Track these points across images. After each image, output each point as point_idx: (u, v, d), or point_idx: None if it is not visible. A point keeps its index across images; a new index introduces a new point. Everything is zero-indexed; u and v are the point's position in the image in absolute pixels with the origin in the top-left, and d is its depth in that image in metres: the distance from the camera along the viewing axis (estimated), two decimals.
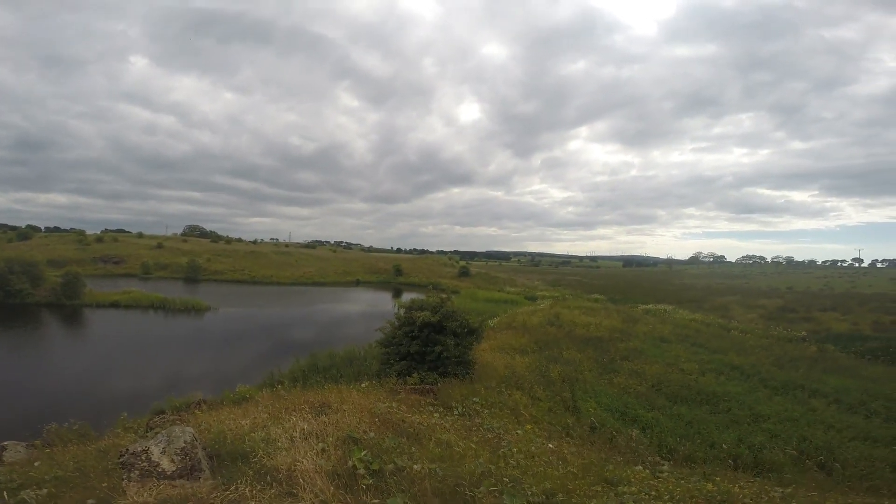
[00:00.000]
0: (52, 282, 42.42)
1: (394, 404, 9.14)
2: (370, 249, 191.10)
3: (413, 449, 6.15)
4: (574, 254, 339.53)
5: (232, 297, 52.59)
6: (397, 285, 79.04)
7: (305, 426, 6.73)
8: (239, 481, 4.33)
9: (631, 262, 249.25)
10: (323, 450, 5.42)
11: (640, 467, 8.12)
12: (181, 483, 4.19)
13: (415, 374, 13.88)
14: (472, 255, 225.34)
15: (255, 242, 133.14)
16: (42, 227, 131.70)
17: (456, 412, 10.39)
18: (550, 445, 8.45)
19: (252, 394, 12.60)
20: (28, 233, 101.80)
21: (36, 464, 7.01)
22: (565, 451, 8.35)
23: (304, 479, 4.35)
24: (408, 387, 12.40)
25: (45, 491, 5.07)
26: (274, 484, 4.33)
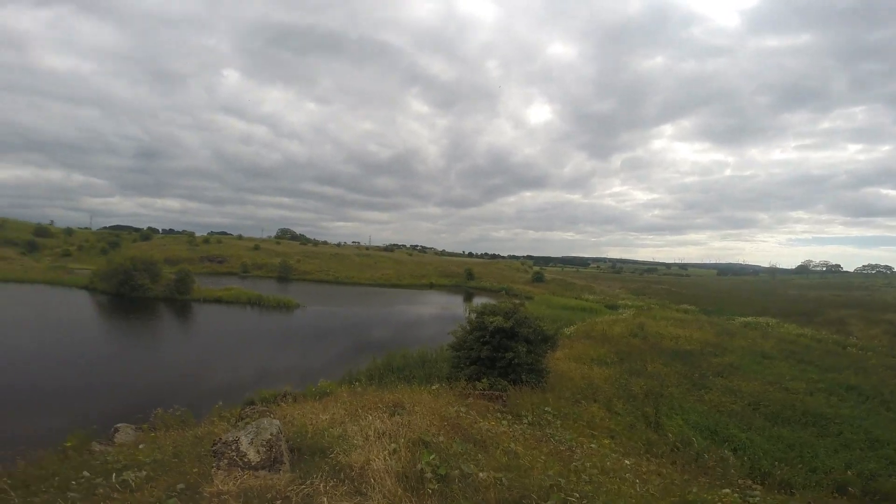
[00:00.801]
0: (167, 278, 47.50)
1: (463, 409, 9.17)
2: (443, 253, 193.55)
3: (480, 456, 6.12)
4: (661, 260, 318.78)
5: (318, 296, 56.07)
6: (469, 289, 79.27)
7: (380, 425, 6.96)
8: (315, 476, 4.57)
9: (727, 271, 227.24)
10: (394, 451, 5.56)
11: (728, 490, 7.45)
12: (263, 474, 4.51)
13: (484, 379, 13.83)
14: (546, 261, 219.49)
15: (339, 245, 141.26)
16: (160, 229, 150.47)
17: (525, 421, 10.18)
18: (627, 462, 7.99)
19: (332, 389, 13.35)
20: (149, 234, 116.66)
21: (141, 446, 7.97)
22: (644, 469, 7.84)
23: (374, 479, 4.50)
24: (477, 391, 12.39)
25: (144, 473, 5.71)
26: (346, 481, 4.52)
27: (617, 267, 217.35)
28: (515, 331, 15.38)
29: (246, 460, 4.72)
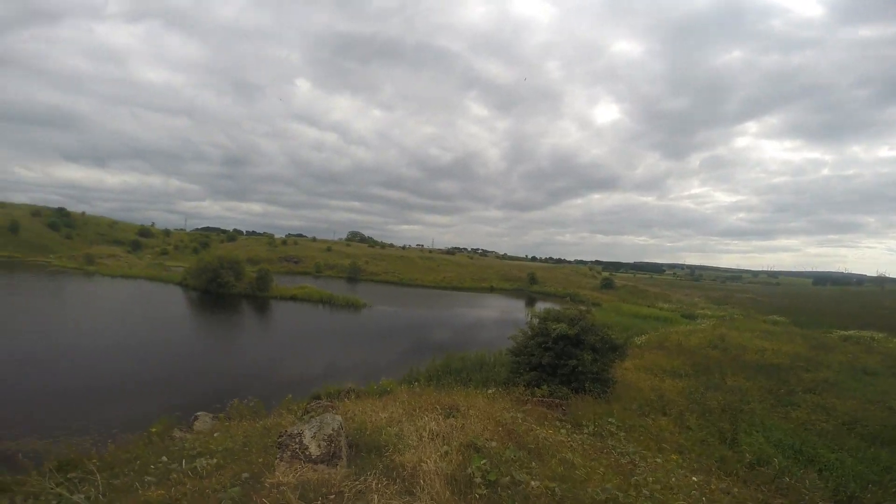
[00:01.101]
0: (249, 277, 51.29)
1: (519, 415, 9.08)
2: (504, 257, 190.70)
3: (533, 464, 6.03)
4: (746, 268, 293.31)
5: (384, 296, 57.96)
6: (531, 294, 77.91)
7: (434, 426, 7.08)
8: (368, 473, 4.76)
9: (824, 279, 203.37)
10: (446, 453, 5.64)
11: None
12: (321, 468, 4.78)
13: (544, 386, 13.59)
14: (616, 266, 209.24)
15: (403, 248, 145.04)
16: (244, 231, 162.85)
17: (586, 431, 9.87)
18: (695, 479, 7.50)
19: (393, 388, 13.74)
20: (234, 235, 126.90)
21: (215, 434, 8.67)
22: (713, 488, 7.34)
23: (424, 480, 4.61)
24: (535, 398, 12.17)
25: (214, 461, 6.21)
26: (398, 480, 4.67)
27: (696, 274, 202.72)
28: (581, 338, 14.92)
29: (307, 453, 5.01)
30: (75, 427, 12.73)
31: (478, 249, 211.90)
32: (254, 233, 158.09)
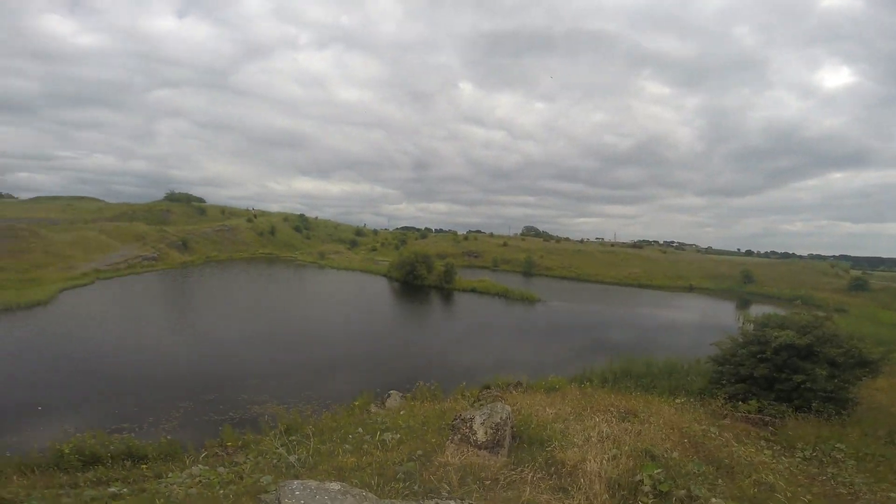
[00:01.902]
0: (438, 270, 56.83)
1: (713, 429, 7.89)
2: (708, 250, 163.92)
3: (720, 482, 5.23)
4: None
5: (558, 292, 56.78)
6: (744, 295, 65.44)
7: (605, 429, 6.74)
8: (526, 465, 4.80)
9: None
10: (614, 456, 5.32)
11: None
12: (484, 454, 5.02)
13: (753, 401, 11.55)
14: (874, 262, 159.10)
15: (581, 241, 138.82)
16: (433, 229, 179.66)
17: (799, 455, 8.09)
18: None
19: (561, 385, 13.42)
20: (425, 233, 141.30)
21: (401, 412, 9.79)
22: None
23: (583, 480, 4.41)
24: (739, 413, 10.39)
25: (398, 436, 7.04)
26: (554, 476, 4.59)
27: None
28: (814, 350, 12.41)
29: (474, 438, 5.34)
30: (303, 396, 15.88)
31: (672, 242, 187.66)
32: (441, 230, 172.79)
